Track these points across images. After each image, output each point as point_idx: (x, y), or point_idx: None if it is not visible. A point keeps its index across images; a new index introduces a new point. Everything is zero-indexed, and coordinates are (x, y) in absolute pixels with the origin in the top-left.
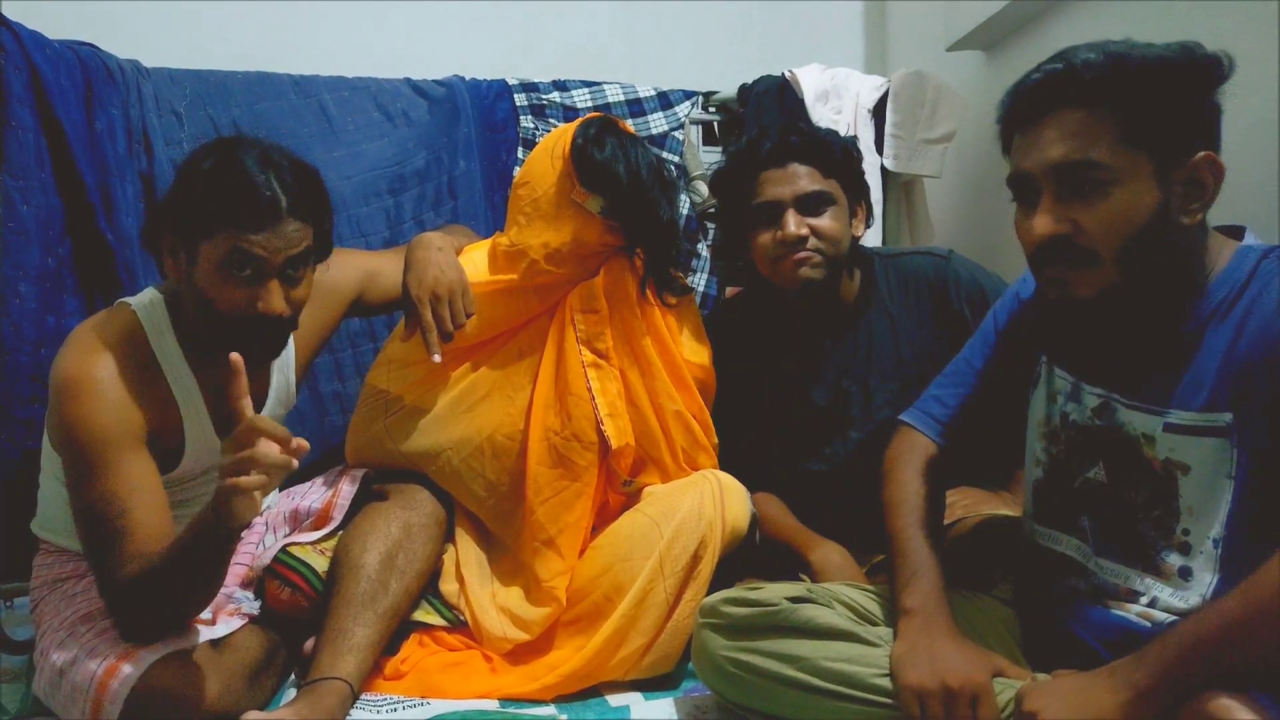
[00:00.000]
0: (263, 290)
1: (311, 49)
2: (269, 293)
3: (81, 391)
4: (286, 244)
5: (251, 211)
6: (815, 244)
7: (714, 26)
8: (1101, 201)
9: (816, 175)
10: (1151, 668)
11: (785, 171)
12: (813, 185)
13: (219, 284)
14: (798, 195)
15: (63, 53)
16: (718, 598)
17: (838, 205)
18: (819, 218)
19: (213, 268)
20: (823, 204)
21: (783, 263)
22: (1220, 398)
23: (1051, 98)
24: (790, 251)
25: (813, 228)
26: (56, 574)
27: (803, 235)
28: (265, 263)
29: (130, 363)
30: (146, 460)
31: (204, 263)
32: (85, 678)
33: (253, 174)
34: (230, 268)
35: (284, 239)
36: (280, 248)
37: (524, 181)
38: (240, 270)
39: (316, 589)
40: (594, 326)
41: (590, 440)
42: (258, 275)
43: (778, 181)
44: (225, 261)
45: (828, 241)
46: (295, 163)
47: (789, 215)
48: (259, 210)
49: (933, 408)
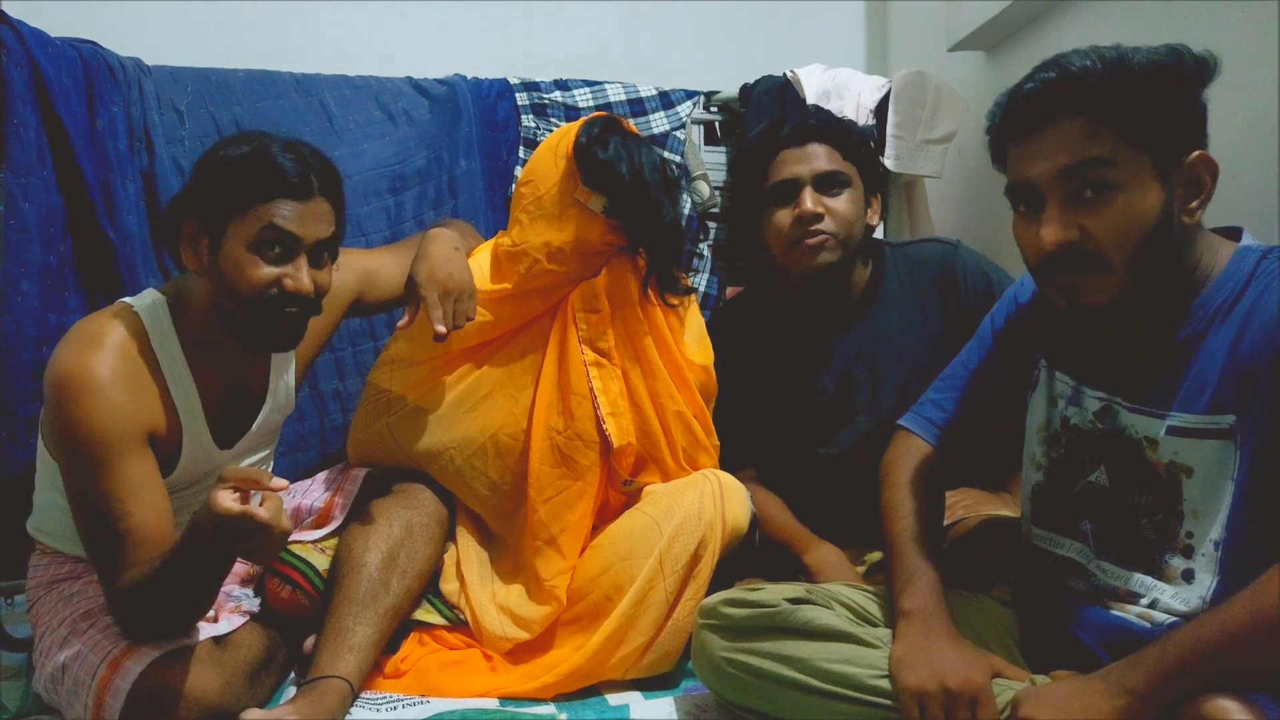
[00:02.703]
0: (291, 268)
1: (313, 47)
2: (298, 270)
3: (81, 390)
4: (317, 223)
5: (287, 187)
6: (830, 225)
7: (716, 26)
8: (1108, 206)
9: (835, 156)
10: (1148, 672)
11: (804, 150)
12: (830, 165)
13: (247, 263)
14: (816, 174)
15: (64, 50)
16: (717, 599)
17: (854, 189)
18: (835, 198)
19: (242, 247)
20: (839, 185)
21: (799, 246)
22: (1223, 400)
23: (1050, 106)
24: (806, 232)
25: (828, 208)
26: (53, 575)
27: (819, 212)
28: (297, 240)
29: (130, 363)
30: (148, 460)
31: (232, 243)
32: (87, 673)
33: (286, 154)
34: (261, 246)
35: (315, 218)
36: (311, 226)
37: (527, 180)
38: (270, 249)
39: (317, 587)
40: (596, 326)
41: (592, 439)
42: (287, 253)
43: (796, 160)
44: (256, 239)
45: (842, 223)
46: (318, 153)
47: (806, 192)
48: (294, 186)
49: (930, 411)
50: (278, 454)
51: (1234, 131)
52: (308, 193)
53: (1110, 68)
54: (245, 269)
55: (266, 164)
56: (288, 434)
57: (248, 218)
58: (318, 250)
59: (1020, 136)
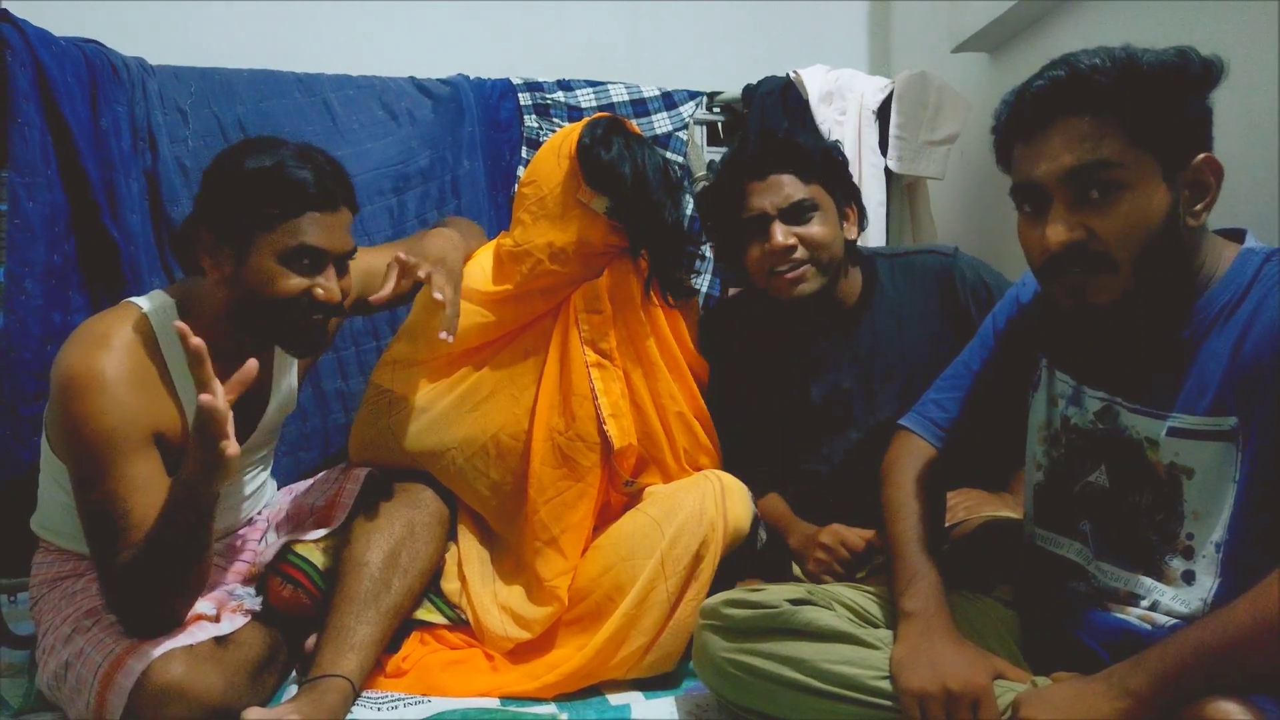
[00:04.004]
0: (321, 278)
1: (316, 48)
2: (329, 280)
3: (88, 389)
4: (343, 234)
5: (313, 201)
6: (803, 254)
7: (719, 27)
8: (1114, 207)
9: (797, 183)
10: (1150, 674)
11: (766, 183)
12: (795, 194)
13: (278, 275)
14: (780, 206)
15: (68, 50)
16: (718, 599)
17: (823, 210)
18: (805, 225)
19: (271, 260)
20: (806, 211)
21: (776, 279)
22: (1225, 402)
23: (1057, 104)
24: (781, 264)
25: (800, 237)
26: (56, 573)
27: (790, 245)
28: (326, 254)
29: (138, 363)
30: (153, 460)
31: (259, 257)
32: (90, 671)
33: (304, 166)
34: (290, 259)
35: (341, 228)
36: (338, 238)
37: (530, 180)
38: (299, 260)
39: (319, 586)
40: (598, 327)
41: (594, 440)
42: (316, 265)
43: (761, 193)
44: (286, 253)
45: (817, 248)
46: (331, 159)
47: (775, 226)
48: (319, 200)
49: (931, 411)
50: (280, 453)
51: (1236, 133)
52: (333, 206)
53: (1119, 67)
54: (276, 280)
55: (289, 179)
56: (290, 433)
57: (276, 232)
58: (343, 260)
59: (1027, 135)
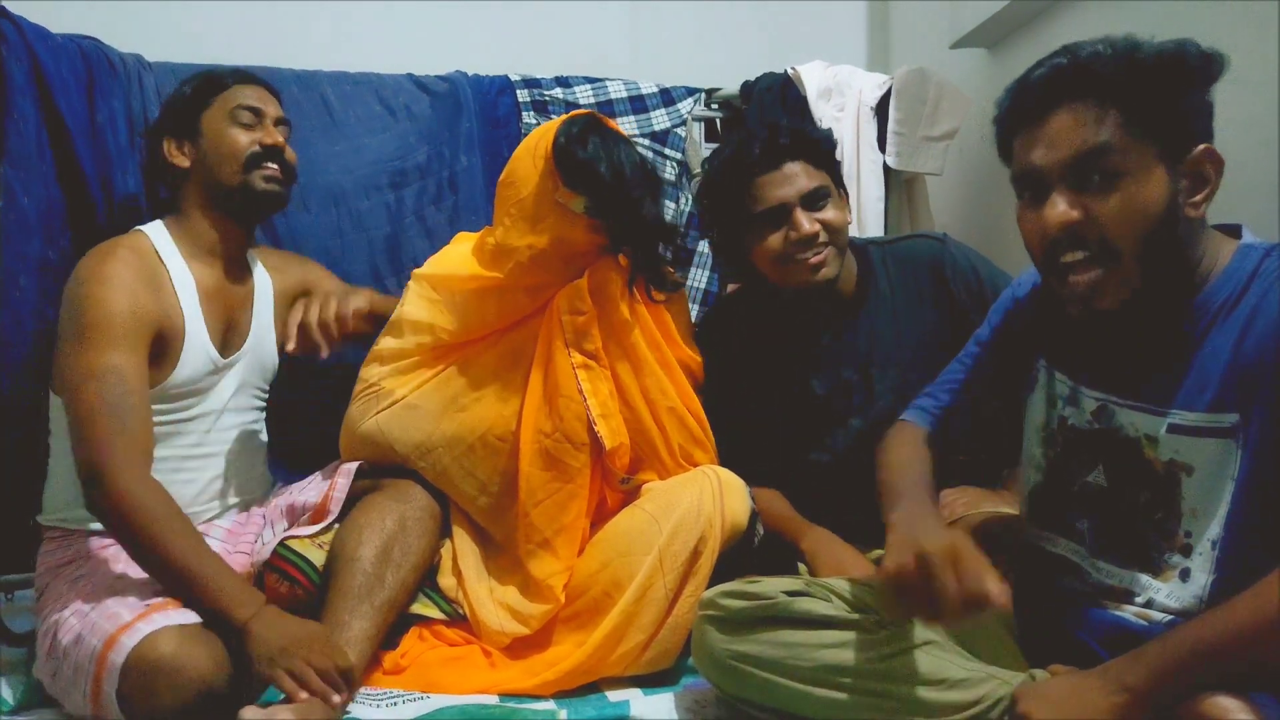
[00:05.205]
0: (263, 132)
1: (314, 44)
2: (268, 131)
3: (101, 279)
4: (274, 103)
5: (238, 77)
6: (824, 237)
7: (717, 23)
8: (1115, 193)
9: (810, 169)
10: (1148, 669)
11: (781, 173)
12: (811, 181)
13: (227, 135)
14: (802, 194)
15: (65, 45)
16: (715, 591)
17: (834, 196)
18: (823, 211)
19: (219, 127)
20: (822, 197)
21: (795, 264)
22: (1226, 398)
23: (1059, 92)
24: (805, 250)
25: (822, 222)
26: (60, 559)
27: (816, 231)
28: (261, 112)
29: (146, 263)
30: (144, 361)
31: (211, 130)
32: (86, 655)
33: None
34: (234, 118)
35: (270, 99)
36: (269, 105)
37: (509, 181)
38: (240, 119)
39: (314, 582)
40: (582, 328)
41: (581, 441)
42: (257, 119)
43: (778, 184)
44: (229, 116)
45: (835, 232)
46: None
47: (799, 214)
48: (243, 76)
49: (927, 404)
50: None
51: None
52: (255, 83)
53: (1120, 55)
54: (227, 139)
55: (216, 71)
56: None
57: (214, 106)
58: (279, 123)
59: (1028, 123)
